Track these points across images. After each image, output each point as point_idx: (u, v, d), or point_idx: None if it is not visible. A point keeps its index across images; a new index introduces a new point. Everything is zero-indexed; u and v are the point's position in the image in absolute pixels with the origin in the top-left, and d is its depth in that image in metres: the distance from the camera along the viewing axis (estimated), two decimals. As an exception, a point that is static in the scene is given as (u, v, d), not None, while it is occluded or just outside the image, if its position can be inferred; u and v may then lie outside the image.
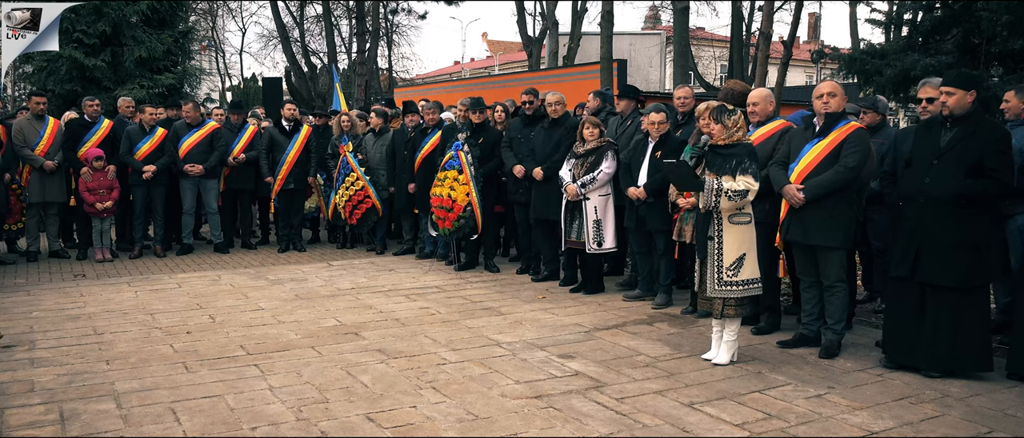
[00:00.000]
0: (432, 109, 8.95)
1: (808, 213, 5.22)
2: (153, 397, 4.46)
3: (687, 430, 4.03)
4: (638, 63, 29.87)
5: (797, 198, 5.19)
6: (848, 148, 5.14)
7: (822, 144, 5.25)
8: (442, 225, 7.99)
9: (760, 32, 14.23)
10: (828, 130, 5.25)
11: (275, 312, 6.47)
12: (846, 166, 5.12)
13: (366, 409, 4.28)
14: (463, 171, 7.82)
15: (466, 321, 6.22)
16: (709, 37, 35.88)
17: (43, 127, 8.80)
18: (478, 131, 8.14)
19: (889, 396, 4.52)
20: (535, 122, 7.81)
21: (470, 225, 7.91)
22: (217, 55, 41.11)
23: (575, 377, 4.85)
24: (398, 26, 34.27)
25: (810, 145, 5.29)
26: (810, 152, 5.26)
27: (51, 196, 8.86)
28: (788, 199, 5.28)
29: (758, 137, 5.73)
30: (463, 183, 7.80)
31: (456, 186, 7.81)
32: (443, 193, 7.86)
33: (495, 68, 43.26)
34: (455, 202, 7.78)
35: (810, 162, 5.25)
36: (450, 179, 7.85)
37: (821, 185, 5.15)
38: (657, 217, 6.55)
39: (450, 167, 7.89)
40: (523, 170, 7.61)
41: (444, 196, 7.84)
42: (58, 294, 7.20)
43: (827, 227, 5.20)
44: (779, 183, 5.35)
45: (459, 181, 7.82)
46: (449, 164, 7.91)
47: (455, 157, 7.88)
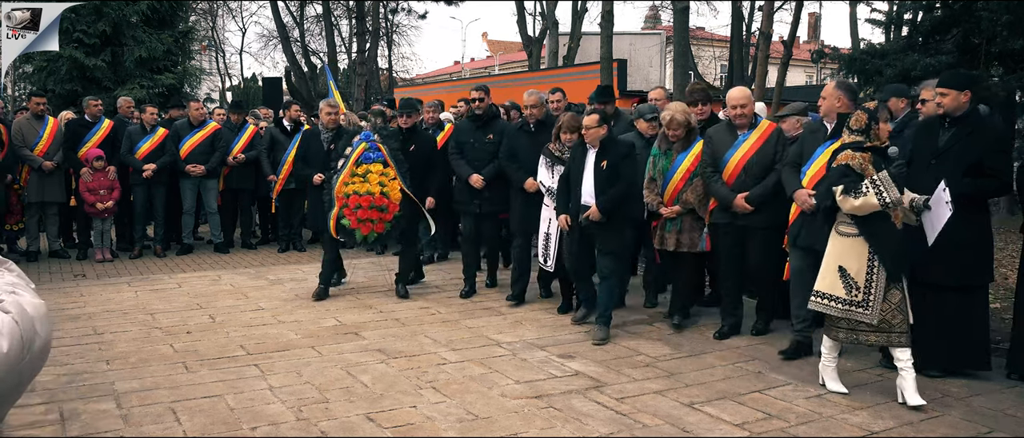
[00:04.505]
0: (433, 108, 8.92)
1: (817, 217, 4.97)
2: (153, 397, 4.46)
3: (687, 430, 4.03)
4: (638, 63, 29.84)
5: (809, 204, 4.99)
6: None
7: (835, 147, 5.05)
8: (370, 229, 6.73)
9: (760, 32, 14.24)
10: (840, 131, 5.04)
11: (275, 312, 6.48)
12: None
13: (366, 409, 4.28)
14: (389, 163, 6.76)
15: (466, 321, 6.22)
16: (709, 37, 35.84)
17: (42, 127, 8.80)
18: (409, 137, 7.16)
19: (889, 396, 4.52)
20: (487, 123, 7.02)
21: (407, 224, 6.93)
22: (217, 55, 41.10)
23: (575, 377, 4.85)
24: (398, 26, 34.29)
25: (822, 148, 5.09)
26: (822, 156, 5.05)
27: (51, 196, 8.86)
28: (799, 205, 5.11)
29: (753, 144, 5.53)
30: (393, 177, 6.73)
31: (386, 181, 6.70)
32: (372, 191, 6.64)
33: (495, 68, 43.26)
34: (389, 199, 6.68)
35: (823, 166, 5.02)
36: (376, 173, 6.71)
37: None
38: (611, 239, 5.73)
39: (370, 160, 6.75)
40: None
41: (374, 194, 6.65)
42: (58, 294, 7.19)
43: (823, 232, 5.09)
44: (792, 187, 5.19)
45: (388, 175, 6.72)
46: (368, 156, 6.75)
47: (374, 148, 6.76)
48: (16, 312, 1.30)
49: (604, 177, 5.63)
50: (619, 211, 5.66)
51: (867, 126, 4.38)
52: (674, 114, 5.78)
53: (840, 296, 4.40)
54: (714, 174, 5.60)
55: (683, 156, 5.82)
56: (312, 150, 7.44)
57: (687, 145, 5.82)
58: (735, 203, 5.44)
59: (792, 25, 17.35)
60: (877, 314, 4.31)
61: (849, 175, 4.32)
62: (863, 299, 4.34)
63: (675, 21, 20.00)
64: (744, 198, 5.42)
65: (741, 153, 5.51)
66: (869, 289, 4.33)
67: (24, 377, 1.33)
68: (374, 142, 6.77)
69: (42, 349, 1.35)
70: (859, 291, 4.35)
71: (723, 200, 5.54)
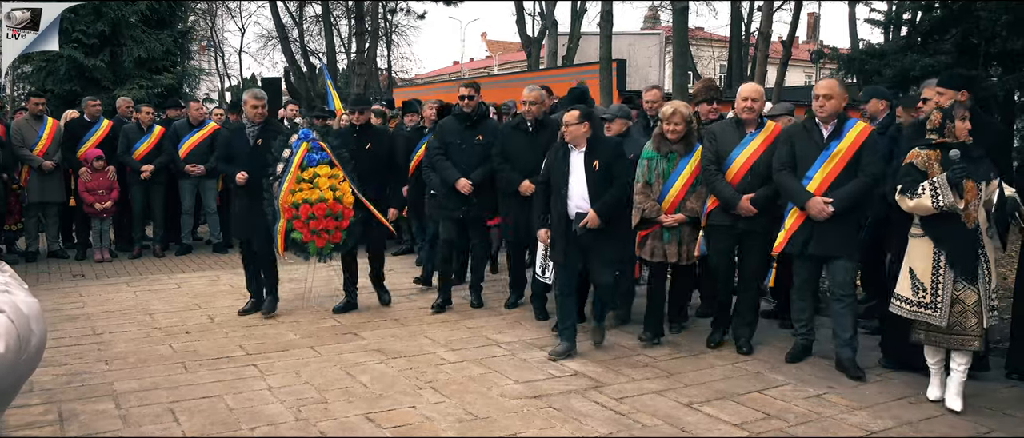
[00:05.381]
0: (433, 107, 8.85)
1: (828, 225, 4.83)
2: (152, 397, 4.46)
3: (686, 430, 4.03)
4: (637, 63, 29.83)
5: (827, 212, 4.75)
6: (868, 155, 4.81)
7: (841, 150, 4.84)
8: (326, 240, 6.02)
9: (759, 32, 14.26)
10: (841, 133, 4.87)
11: (273, 312, 6.47)
12: (871, 175, 4.80)
13: (365, 409, 4.27)
14: (335, 164, 6.08)
15: (465, 321, 6.22)
16: (708, 37, 35.87)
17: (41, 127, 8.79)
18: (363, 136, 6.44)
19: (888, 396, 4.52)
20: (476, 124, 6.42)
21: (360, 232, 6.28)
22: (216, 55, 41.11)
23: (574, 377, 4.85)
24: (397, 26, 34.31)
25: (826, 152, 4.85)
26: (829, 160, 4.83)
27: (50, 196, 8.85)
28: (813, 213, 4.80)
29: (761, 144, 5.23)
30: (343, 178, 6.07)
31: (337, 185, 6.03)
32: (325, 197, 5.93)
33: (494, 68, 43.25)
34: (343, 204, 6.01)
35: (831, 171, 4.83)
36: (325, 177, 5.99)
37: (850, 197, 4.77)
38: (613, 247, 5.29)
39: (315, 161, 6.03)
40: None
41: (328, 201, 5.93)
42: (57, 294, 7.19)
43: (843, 237, 4.88)
44: (797, 194, 4.90)
45: (338, 176, 6.06)
46: (312, 159, 6.03)
47: (317, 148, 6.04)
48: (11, 311, 1.29)
49: (598, 179, 5.17)
50: (618, 216, 5.30)
51: (941, 125, 4.31)
52: (678, 108, 5.43)
53: (909, 298, 4.35)
54: (718, 173, 5.26)
55: (686, 160, 5.44)
56: (235, 147, 6.40)
57: (689, 149, 5.45)
58: (740, 205, 5.15)
59: (791, 25, 17.40)
60: (945, 316, 4.22)
61: (911, 174, 4.28)
62: (930, 301, 4.27)
63: (674, 21, 19.97)
64: (750, 200, 5.16)
65: (748, 153, 5.23)
66: (936, 290, 4.25)
67: (21, 377, 1.32)
68: (315, 141, 6.08)
69: (38, 348, 1.35)
70: (926, 292, 4.29)
71: (727, 201, 5.21)
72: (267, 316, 6.26)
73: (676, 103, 5.55)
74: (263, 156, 6.12)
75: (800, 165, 4.94)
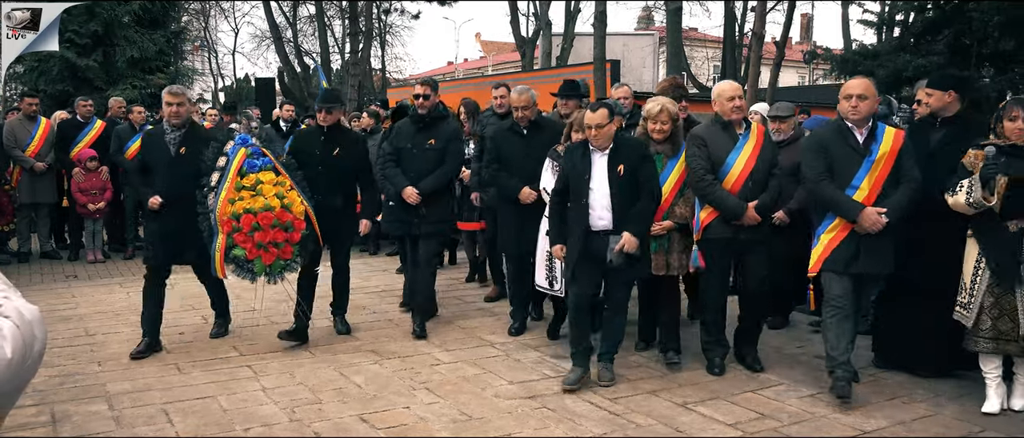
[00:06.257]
0: None
1: (877, 240, 4.34)
2: (145, 398, 4.45)
3: (680, 430, 4.03)
4: (631, 64, 29.89)
5: (881, 224, 4.28)
6: (908, 159, 4.40)
7: (884, 155, 4.38)
8: (274, 256, 5.11)
9: (753, 32, 14.28)
10: (876, 137, 4.40)
11: (268, 313, 6.45)
12: (916, 179, 4.37)
13: (359, 410, 4.27)
14: (281, 171, 5.25)
15: (459, 321, 6.21)
16: (702, 38, 35.98)
17: (34, 128, 8.77)
18: (330, 138, 5.62)
19: (882, 396, 4.53)
20: (430, 127, 5.73)
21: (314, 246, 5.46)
22: (210, 55, 41.00)
23: (569, 377, 4.84)
24: (391, 26, 34.29)
25: (870, 159, 4.36)
26: (874, 167, 4.36)
27: (42, 197, 8.82)
28: (866, 226, 4.28)
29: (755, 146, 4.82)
30: (291, 186, 5.23)
31: (285, 193, 5.16)
32: (272, 205, 5.03)
33: (488, 69, 43.24)
34: (293, 213, 5.13)
35: (878, 178, 4.37)
36: (270, 183, 5.13)
37: (902, 206, 4.32)
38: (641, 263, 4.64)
39: (256, 168, 5.16)
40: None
41: (275, 209, 5.03)
42: (50, 295, 7.16)
43: (891, 251, 4.46)
44: (844, 206, 4.34)
45: (284, 184, 5.20)
46: (253, 164, 5.16)
47: (258, 153, 5.20)
48: (16, 317, 1.30)
49: (624, 186, 4.51)
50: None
51: (994, 124, 4.30)
52: (665, 105, 4.94)
53: (959, 300, 4.30)
54: (714, 181, 4.75)
55: (673, 162, 4.97)
56: (154, 156, 5.36)
57: (676, 149, 4.99)
58: (747, 215, 4.69)
59: (784, 26, 17.44)
60: (974, 317, 4.19)
61: (960, 173, 4.26)
62: (968, 301, 4.24)
63: (668, 22, 20.06)
64: (754, 208, 4.72)
65: (745, 157, 4.76)
66: (973, 290, 4.21)
67: (24, 381, 1.33)
68: (255, 146, 5.22)
69: (40, 353, 1.36)
70: (966, 293, 4.26)
71: (731, 211, 4.70)
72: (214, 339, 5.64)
73: (662, 99, 5.06)
74: (187, 167, 5.16)
75: (840, 174, 4.40)
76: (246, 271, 5.15)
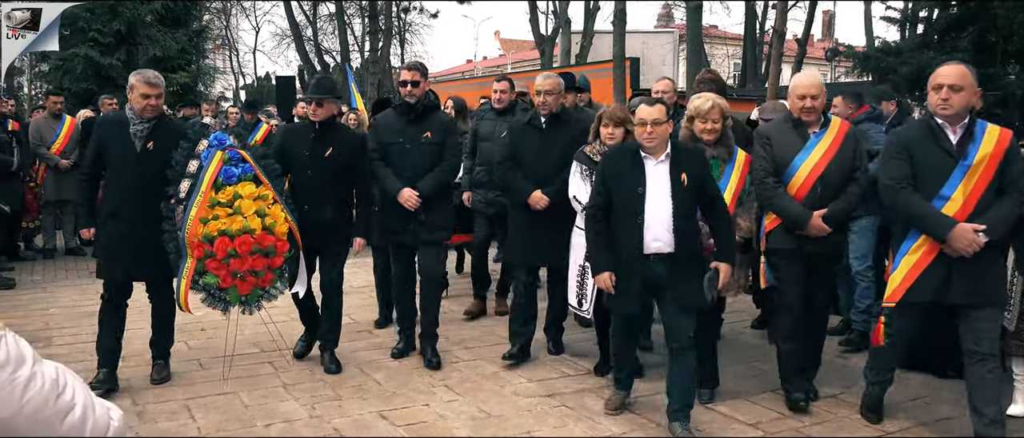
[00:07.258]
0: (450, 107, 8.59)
1: (973, 263, 3.62)
2: (168, 394, 4.49)
3: (700, 429, 4.02)
4: (651, 61, 29.80)
5: (978, 244, 3.55)
6: (1014, 164, 3.67)
7: (983, 159, 3.64)
8: (252, 285, 4.45)
9: (774, 30, 14.16)
10: (974, 137, 3.68)
11: (288, 310, 6.48)
12: (1022, 190, 3.67)
13: (379, 407, 4.29)
14: (263, 180, 4.52)
15: (479, 319, 6.22)
16: (722, 35, 35.74)
17: (59, 126, 8.88)
18: (323, 136, 4.88)
19: (904, 396, 4.49)
20: (423, 118, 4.96)
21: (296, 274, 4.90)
22: (231, 54, 41.39)
23: (588, 375, 4.85)
24: (411, 24, 34.44)
25: (965, 163, 3.64)
26: (970, 174, 3.63)
27: (67, 194, 8.91)
28: (960, 246, 3.56)
29: (829, 147, 4.15)
30: (273, 201, 4.51)
31: (266, 209, 4.45)
32: (252, 227, 4.34)
33: (508, 67, 43.25)
34: (275, 235, 4.44)
35: (975, 187, 3.64)
36: (249, 199, 4.40)
37: (1004, 222, 3.63)
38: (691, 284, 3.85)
39: (235, 178, 4.41)
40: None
41: (255, 232, 4.34)
42: (74, 291, 7.25)
43: (995, 278, 3.77)
44: (933, 220, 3.65)
45: (266, 197, 4.48)
46: (230, 173, 4.40)
47: (236, 159, 4.46)
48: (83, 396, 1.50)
49: (687, 201, 3.82)
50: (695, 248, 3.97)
51: None
52: (716, 101, 4.31)
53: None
54: (778, 185, 4.17)
55: (730, 169, 4.36)
56: (114, 149, 4.50)
57: (730, 152, 4.38)
58: (811, 224, 4.07)
59: (806, 23, 17.31)
60: (1015, 319, 4.13)
61: None
62: (1012, 303, 4.14)
63: (688, 19, 19.94)
64: (821, 217, 4.10)
65: (815, 159, 4.14)
66: (1010, 292, 4.12)
67: None
68: (233, 149, 4.48)
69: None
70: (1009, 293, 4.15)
71: (795, 219, 4.10)
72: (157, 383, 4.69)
73: (710, 95, 4.45)
74: (153, 165, 4.39)
75: (925, 181, 3.71)
76: (218, 301, 4.46)
